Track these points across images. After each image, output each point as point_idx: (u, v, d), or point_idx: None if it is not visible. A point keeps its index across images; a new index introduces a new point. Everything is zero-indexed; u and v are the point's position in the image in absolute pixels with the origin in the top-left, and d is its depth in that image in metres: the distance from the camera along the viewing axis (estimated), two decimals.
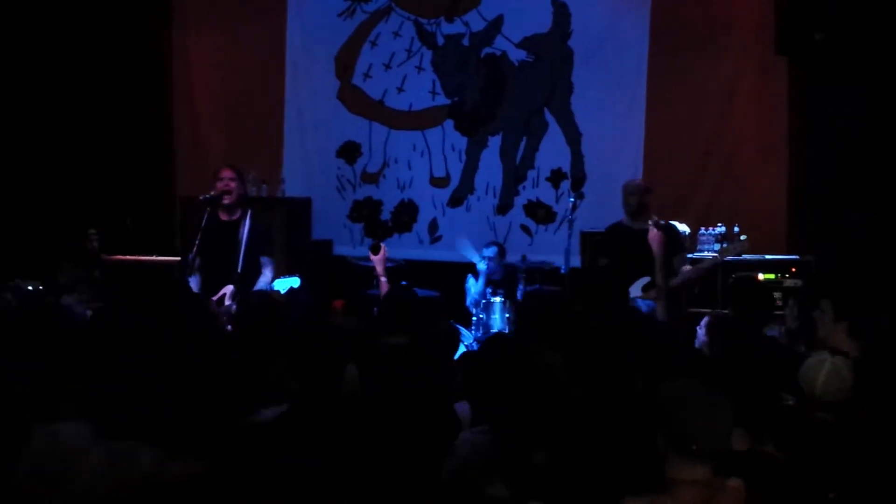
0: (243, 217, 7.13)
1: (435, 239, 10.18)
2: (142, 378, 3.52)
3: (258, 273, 7.03)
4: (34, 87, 9.95)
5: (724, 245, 8.12)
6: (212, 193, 7.18)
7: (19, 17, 9.82)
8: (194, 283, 7.03)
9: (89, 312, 5.88)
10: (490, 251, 8.96)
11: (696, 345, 5.51)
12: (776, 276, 8.29)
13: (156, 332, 4.19)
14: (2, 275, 8.44)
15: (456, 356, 5.34)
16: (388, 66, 10.23)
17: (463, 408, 4.25)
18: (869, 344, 4.87)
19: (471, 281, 9.10)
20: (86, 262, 8.66)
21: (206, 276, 7.06)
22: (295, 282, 7.10)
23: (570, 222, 8.20)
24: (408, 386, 4.16)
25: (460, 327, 8.37)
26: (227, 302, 6.85)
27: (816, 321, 5.08)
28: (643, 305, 7.17)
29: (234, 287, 6.89)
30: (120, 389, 3.46)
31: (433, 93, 10.16)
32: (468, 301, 8.97)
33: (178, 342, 4.12)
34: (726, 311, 5.97)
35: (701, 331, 5.58)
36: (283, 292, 7.04)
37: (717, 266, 7.84)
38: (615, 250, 7.66)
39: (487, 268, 8.90)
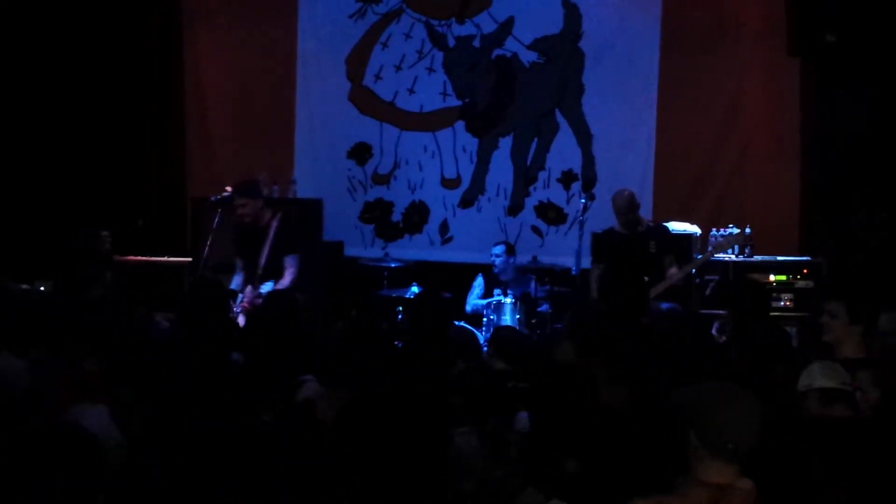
0: (272, 220, 7.23)
1: (446, 240, 10.18)
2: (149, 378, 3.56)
3: (281, 274, 7.11)
4: (46, 89, 9.98)
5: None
6: (223, 195, 7.25)
7: (33, 21, 9.86)
8: (237, 281, 7.26)
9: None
10: (498, 248, 9.00)
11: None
12: (787, 278, 8.28)
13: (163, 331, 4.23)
14: (15, 275, 8.49)
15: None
16: (398, 68, 10.24)
17: (522, 416, 4.26)
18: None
19: (478, 281, 9.11)
20: (98, 262, 8.70)
21: (244, 276, 7.27)
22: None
23: (581, 223, 8.24)
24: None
25: (471, 328, 8.41)
26: (245, 303, 6.94)
27: (824, 325, 5.02)
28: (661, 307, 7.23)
29: (252, 287, 6.98)
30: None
31: (444, 94, 10.16)
32: (468, 307, 8.99)
33: (184, 342, 4.14)
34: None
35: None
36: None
37: (706, 262, 7.96)
38: (610, 256, 7.77)
39: (496, 265, 8.93)
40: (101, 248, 8.83)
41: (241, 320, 6.78)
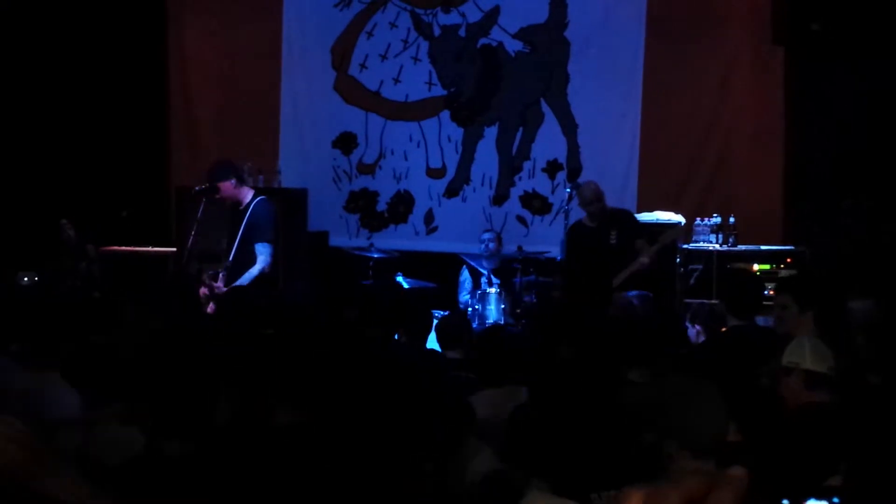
0: (252, 202, 7.12)
1: (431, 230, 10.17)
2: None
3: (253, 262, 6.99)
4: (31, 81, 9.95)
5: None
6: (206, 185, 7.20)
7: (18, 13, 9.81)
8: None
9: None
10: (488, 235, 9.04)
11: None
12: (771, 267, 8.31)
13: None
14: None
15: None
16: (384, 57, 10.21)
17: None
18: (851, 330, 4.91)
19: (464, 276, 9.12)
20: (66, 252, 8.66)
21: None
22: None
23: (566, 213, 8.25)
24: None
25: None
26: (205, 290, 6.86)
27: (776, 319, 5.12)
28: (633, 298, 7.25)
29: (224, 273, 6.88)
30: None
31: (429, 83, 10.14)
32: (460, 304, 9.02)
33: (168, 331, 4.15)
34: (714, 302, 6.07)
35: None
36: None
37: (656, 254, 8.00)
38: (579, 250, 7.84)
39: (486, 250, 8.95)
40: (65, 237, 8.74)
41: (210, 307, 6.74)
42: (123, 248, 9.45)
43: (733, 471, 3.04)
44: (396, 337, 5.57)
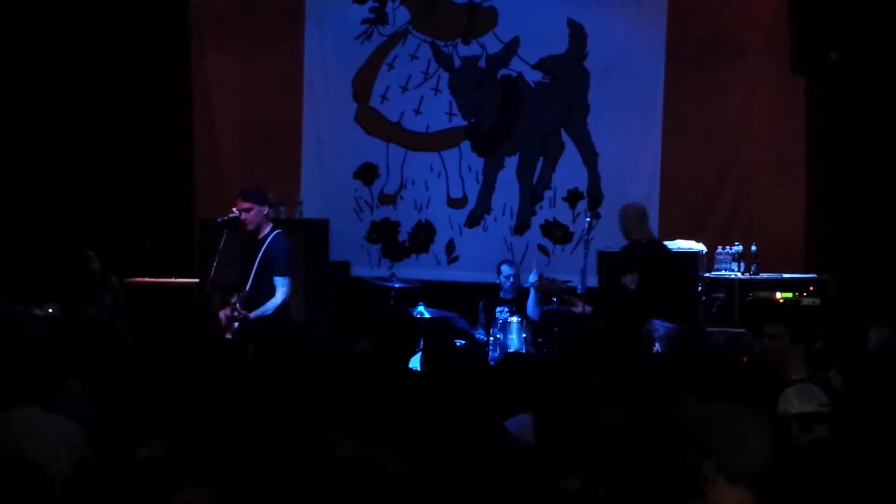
0: (270, 234, 7.15)
1: (452, 259, 10.19)
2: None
3: (270, 293, 7.01)
4: (58, 113, 10.07)
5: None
6: (230, 216, 7.24)
7: (42, 46, 9.95)
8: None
9: None
10: (509, 269, 9.03)
11: None
12: (794, 295, 8.28)
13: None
14: (26, 298, 8.55)
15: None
16: (405, 89, 10.28)
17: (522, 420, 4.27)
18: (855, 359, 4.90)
19: (481, 305, 9.12)
20: (91, 283, 8.74)
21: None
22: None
23: (587, 242, 8.25)
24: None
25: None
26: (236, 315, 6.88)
27: (765, 349, 5.09)
28: (660, 327, 7.21)
29: (240, 304, 6.88)
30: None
31: (450, 114, 10.19)
32: (477, 333, 8.99)
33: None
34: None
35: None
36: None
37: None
38: None
39: (510, 286, 8.94)
40: (91, 268, 8.84)
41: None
42: (147, 279, 9.52)
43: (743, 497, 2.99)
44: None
